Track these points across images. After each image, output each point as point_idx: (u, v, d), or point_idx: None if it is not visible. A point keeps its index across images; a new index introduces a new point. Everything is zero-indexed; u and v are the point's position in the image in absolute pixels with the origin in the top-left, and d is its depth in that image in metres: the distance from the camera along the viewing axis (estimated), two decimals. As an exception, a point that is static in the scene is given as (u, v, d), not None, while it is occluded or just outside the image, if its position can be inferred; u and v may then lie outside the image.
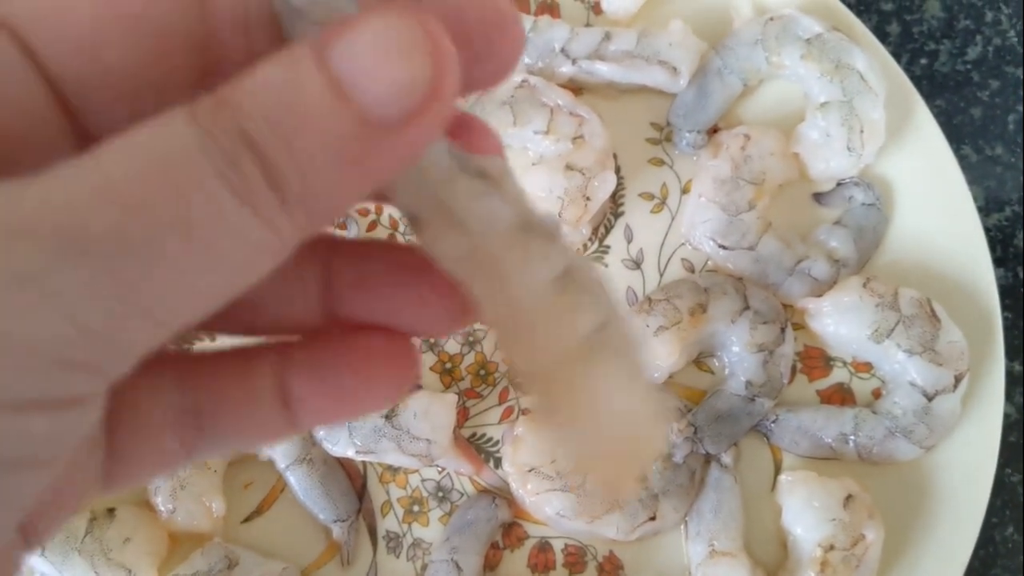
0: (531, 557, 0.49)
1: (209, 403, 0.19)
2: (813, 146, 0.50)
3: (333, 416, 0.20)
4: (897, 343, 0.48)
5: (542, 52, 0.51)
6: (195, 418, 0.19)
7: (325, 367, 0.19)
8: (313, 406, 0.19)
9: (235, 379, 0.19)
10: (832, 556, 0.45)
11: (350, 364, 0.19)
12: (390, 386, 0.20)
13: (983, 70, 0.57)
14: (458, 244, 0.18)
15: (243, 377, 0.19)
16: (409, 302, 0.20)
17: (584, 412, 0.19)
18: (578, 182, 0.50)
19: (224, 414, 0.19)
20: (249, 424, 0.19)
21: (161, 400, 0.19)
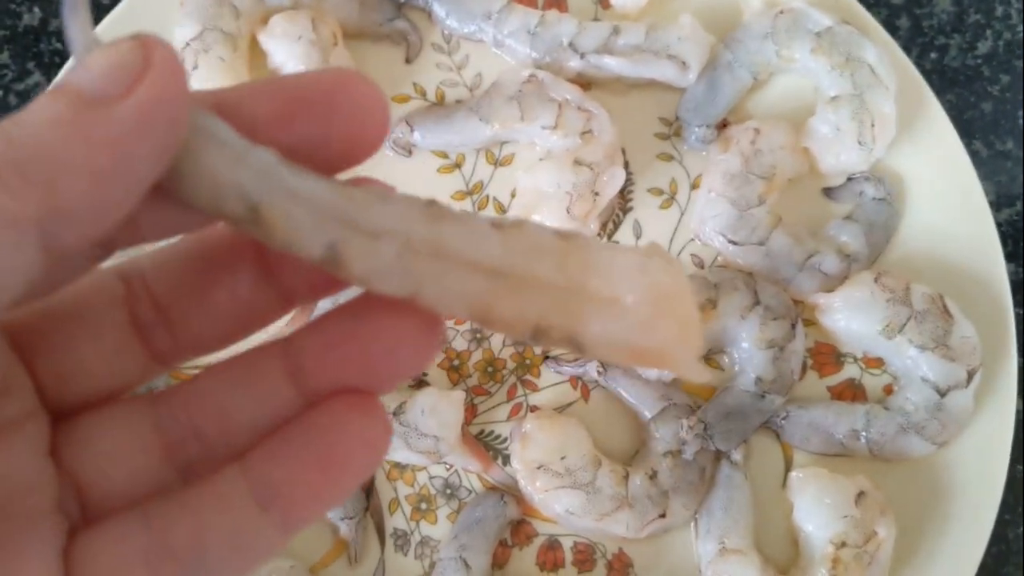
0: (540, 555, 0.48)
1: (180, 534, 0.18)
2: (823, 140, 0.50)
3: (320, 499, 0.19)
4: (909, 338, 0.47)
5: (550, 47, 0.51)
6: (170, 555, 0.18)
7: (299, 451, 0.19)
8: (293, 486, 0.19)
9: (203, 501, 0.19)
10: (844, 553, 0.45)
11: (323, 436, 0.19)
12: (371, 447, 0.19)
13: (993, 65, 0.57)
14: (389, 250, 0.17)
15: (211, 497, 0.19)
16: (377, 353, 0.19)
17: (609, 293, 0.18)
18: (587, 177, 0.49)
19: (201, 540, 0.18)
20: (232, 539, 0.19)
21: (126, 547, 0.18)
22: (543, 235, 0.18)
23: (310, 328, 0.20)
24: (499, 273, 0.18)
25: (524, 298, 0.18)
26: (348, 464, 0.19)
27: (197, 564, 0.18)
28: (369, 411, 0.19)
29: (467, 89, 0.53)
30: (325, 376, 0.19)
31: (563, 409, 0.50)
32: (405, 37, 0.53)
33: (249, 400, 0.20)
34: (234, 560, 0.19)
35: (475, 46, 0.53)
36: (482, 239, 0.18)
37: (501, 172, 0.52)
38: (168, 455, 0.20)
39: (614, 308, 0.18)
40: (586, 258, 0.18)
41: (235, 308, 0.20)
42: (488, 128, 0.50)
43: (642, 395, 0.49)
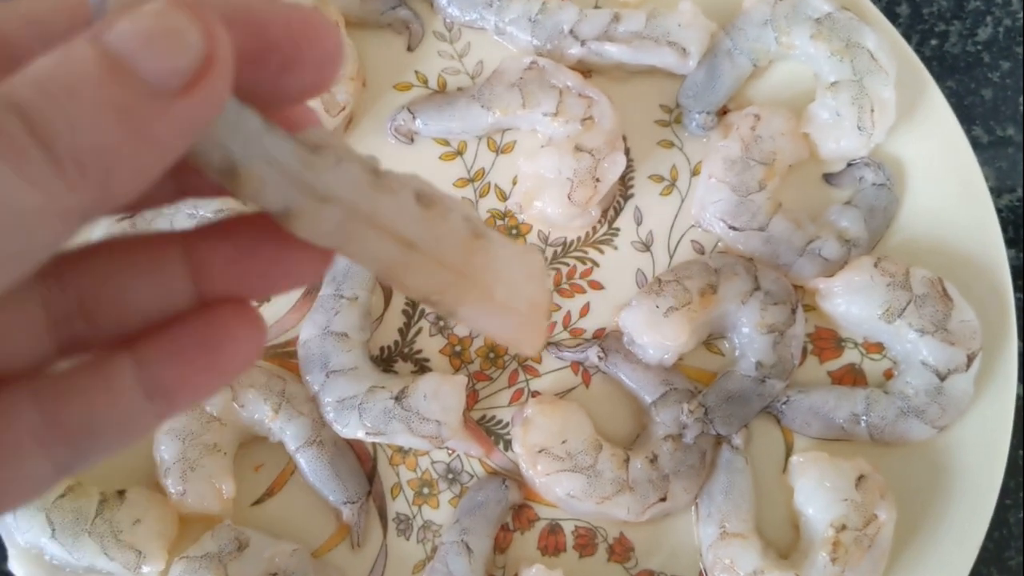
0: (541, 539, 0.48)
1: (72, 415, 0.19)
2: (823, 126, 0.50)
3: (199, 395, 0.20)
4: (909, 323, 0.47)
5: (551, 34, 0.51)
6: (65, 435, 0.19)
7: (185, 347, 0.20)
8: (181, 386, 0.20)
9: (93, 386, 0.19)
10: (844, 536, 0.45)
11: (215, 344, 0.20)
12: (250, 355, 0.21)
13: (993, 51, 0.57)
14: (332, 217, 0.19)
15: (102, 381, 0.19)
16: (276, 271, 0.21)
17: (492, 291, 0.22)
18: (587, 163, 0.49)
19: (91, 423, 0.19)
20: (119, 425, 0.19)
21: (22, 424, 0.18)
22: (457, 225, 0.21)
23: (216, 230, 0.21)
24: (412, 246, 0.20)
25: (427, 272, 0.21)
26: (229, 368, 0.20)
27: (85, 442, 0.19)
28: (253, 321, 0.21)
29: (469, 77, 0.53)
30: (224, 282, 0.21)
31: (564, 394, 0.50)
32: (407, 25, 0.53)
33: (145, 287, 0.20)
34: (117, 440, 0.20)
35: (476, 34, 0.53)
36: (408, 214, 0.20)
37: (503, 159, 0.52)
38: (54, 329, 0.20)
39: (491, 304, 0.22)
40: (487, 255, 0.22)
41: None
42: (489, 115, 0.51)
43: (643, 380, 0.49)
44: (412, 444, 0.48)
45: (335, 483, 0.48)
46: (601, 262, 0.51)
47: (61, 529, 0.45)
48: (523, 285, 0.23)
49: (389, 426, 0.47)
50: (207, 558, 0.45)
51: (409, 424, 0.47)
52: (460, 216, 0.21)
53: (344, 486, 0.48)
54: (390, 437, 0.47)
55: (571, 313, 0.51)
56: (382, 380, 0.48)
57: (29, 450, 0.18)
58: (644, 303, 0.48)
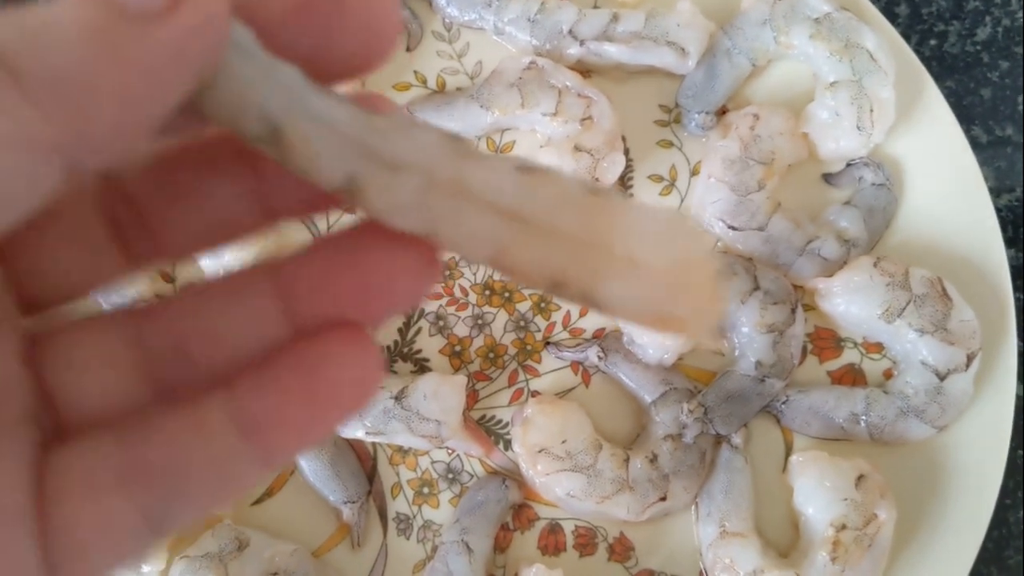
0: (541, 539, 0.48)
1: (157, 456, 0.17)
2: (822, 126, 0.50)
3: (304, 434, 0.18)
4: (908, 322, 0.47)
5: (550, 34, 0.51)
6: (145, 476, 0.17)
7: (278, 376, 0.18)
8: (275, 417, 0.18)
9: (182, 424, 0.18)
10: (844, 536, 0.45)
11: (311, 369, 0.18)
12: (361, 384, 0.18)
13: (992, 51, 0.57)
14: (409, 185, 0.17)
15: (190, 419, 0.18)
16: (374, 284, 0.18)
17: (633, 256, 0.17)
18: (587, 163, 0.49)
19: (178, 464, 0.17)
20: (211, 468, 0.18)
21: (100, 464, 0.17)
22: (571, 186, 0.18)
23: (304, 254, 0.19)
24: (520, 218, 0.17)
25: (544, 248, 0.17)
26: (336, 400, 0.18)
27: (174, 489, 0.17)
28: (361, 346, 0.18)
29: (468, 77, 0.53)
30: (318, 304, 0.19)
31: (564, 394, 0.50)
32: (406, 25, 0.53)
33: (236, 322, 0.19)
34: (211, 488, 0.18)
35: (475, 34, 0.53)
36: (506, 182, 0.17)
37: (502, 159, 0.52)
38: (147, 373, 0.19)
39: (636, 272, 0.17)
40: (614, 217, 0.17)
41: (214, 215, 0.19)
42: (489, 115, 0.51)
43: (642, 380, 0.49)
44: (412, 444, 0.48)
45: (335, 483, 0.48)
46: (601, 262, 0.51)
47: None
48: (670, 241, 0.18)
49: (389, 426, 0.47)
50: (207, 557, 0.45)
51: (409, 424, 0.47)
52: (571, 179, 0.18)
53: (344, 486, 0.48)
54: (390, 437, 0.47)
55: (571, 313, 0.51)
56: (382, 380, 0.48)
57: (111, 492, 0.17)
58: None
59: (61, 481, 0.17)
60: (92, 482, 0.17)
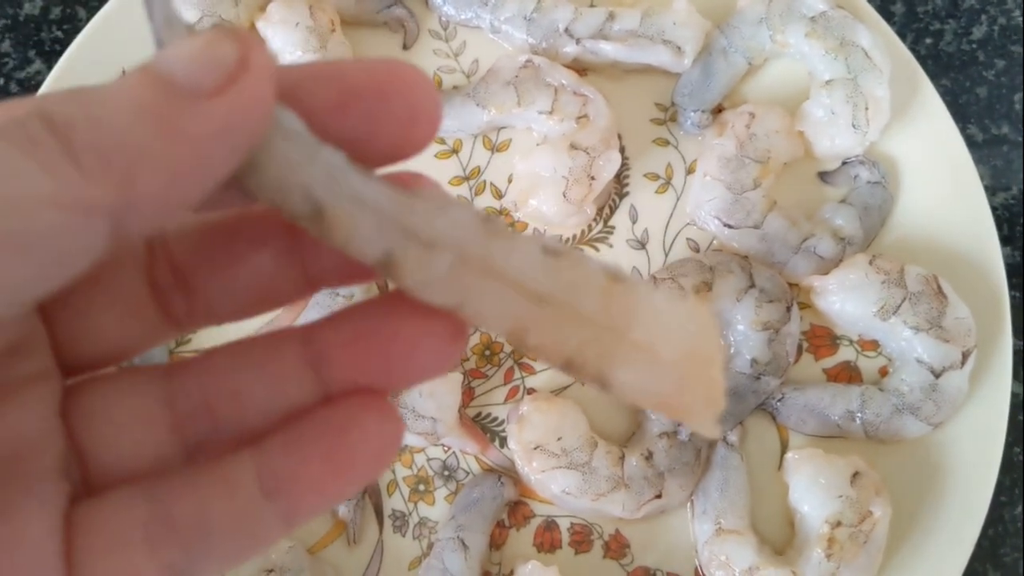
0: (537, 535, 0.49)
1: (183, 512, 0.18)
2: (818, 124, 0.50)
3: (327, 495, 0.19)
4: (904, 320, 0.47)
5: (546, 32, 0.51)
6: (170, 531, 0.18)
7: (304, 439, 0.19)
8: (298, 477, 0.19)
9: (208, 482, 0.18)
10: (839, 533, 0.45)
11: (335, 434, 0.19)
12: (383, 450, 0.19)
13: (988, 49, 0.57)
14: (441, 262, 0.18)
15: (217, 477, 0.18)
16: (400, 352, 0.19)
17: (647, 344, 0.18)
18: (583, 161, 0.50)
19: (203, 521, 0.18)
20: (235, 525, 0.18)
21: (127, 517, 0.18)
22: (593, 270, 0.18)
23: (334, 319, 0.20)
24: (543, 299, 0.18)
25: (563, 329, 0.18)
26: (358, 464, 0.19)
27: (198, 544, 0.18)
28: (384, 413, 0.19)
29: (464, 75, 0.53)
30: (345, 369, 0.19)
31: (560, 392, 0.50)
32: (402, 24, 0.53)
33: (265, 383, 0.19)
34: (235, 545, 0.18)
35: (472, 32, 0.54)
36: (531, 262, 0.18)
37: (498, 157, 0.52)
38: (176, 429, 0.19)
39: (649, 360, 0.18)
40: (632, 302, 0.18)
41: (256, 283, 0.20)
42: (485, 113, 0.51)
43: (638, 377, 0.49)
44: (408, 441, 0.48)
45: (331, 480, 0.48)
46: (597, 260, 0.51)
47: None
48: (684, 334, 0.19)
49: (385, 423, 0.47)
50: (203, 555, 0.45)
51: (404, 420, 0.47)
52: (594, 264, 0.19)
53: (340, 483, 0.48)
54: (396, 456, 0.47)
55: (567, 311, 0.51)
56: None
57: (137, 548, 0.17)
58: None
59: (90, 533, 0.18)
60: (119, 536, 0.18)
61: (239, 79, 0.16)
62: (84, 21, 0.55)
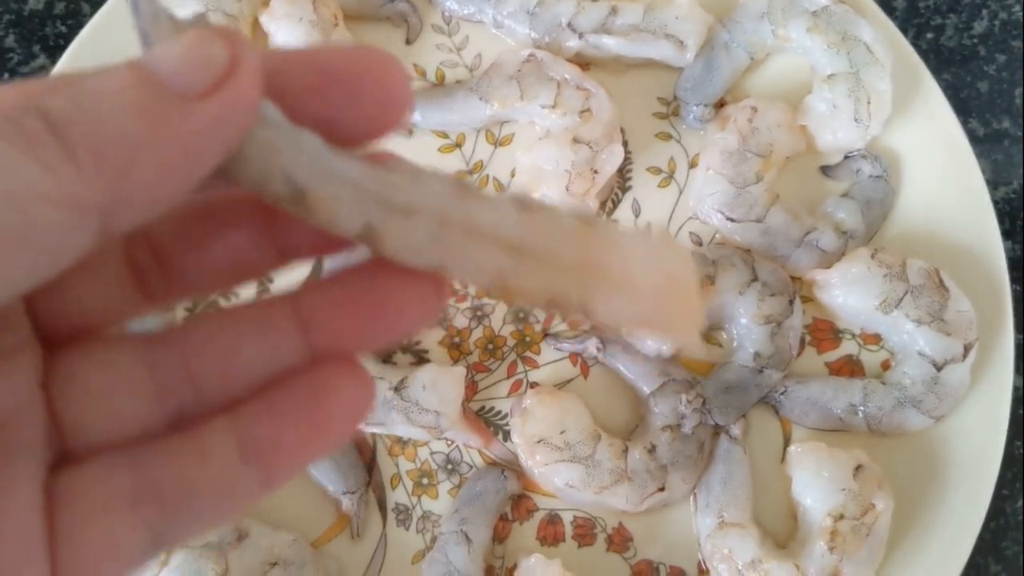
0: (540, 529, 0.49)
1: (164, 477, 0.19)
2: (820, 118, 0.50)
3: (301, 459, 0.20)
4: (906, 313, 0.48)
5: (548, 27, 0.52)
6: (156, 501, 0.18)
7: (280, 405, 0.19)
8: (275, 442, 0.19)
9: (187, 447, 0.19)
10: (842, 525, 0.45)
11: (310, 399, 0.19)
12: (355, 414, 0.20)
13: (989, 44, 0.57)
14: (421, 228, 0.19)
15: (195, 442, 0.19)
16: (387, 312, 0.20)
17: (625, 275, 0.20)
18: (585, 155, 0.50)
19: (183, 485, 0.19)
20: (214, 489, 0.19)
21: (111, 483, 0.18)
22: (565, 217, 0.20)
23: (321, 285, 0.21)
24: (521, 250, 0.19)
25: (543, 274, 0.19)
26: (334, 428, 0.20)
27: (179, 510, 0.19)
28: (358, 378, 0.20)
29: (467, 69, 0.53)
30: (333, 331, 0.20)
31: (563, 385, 0.50)
32: (405, 18, 0.53)
33: (251, 350, 0.20)
34: (214, 508, 0.19)
35: (475, 27, 0.54)
36: (506, 218, 0.19)
37: (501, 151, 0.53)
38: (159, 398, 0.20)
39: (629, 288, 0.20)
40: (605, 241, 0.20)
41: (230, 258, 0.21)
42: (488, 107, 0.51)
43: (641, 371, 0.49)
44: (411, 434, 0.48)
45: (334, 473, 0.48)
46: (599, 254, 0.51)
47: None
48: (657, 260, 0.20)
49: (388, 416, 0.47)
50: (207, 547, 0.45)
51: (408, 414, 0.47)
52: (566, 210, 0.20)
53: (343, 476, 0.48)
54: (389, 427, 0.47)
55: (569, 305, 0.51)
56: (381, 371, 0.48)
57: (120, 513, 0.18)
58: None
59: (72, 503, 0.18)
60: (102, 505, 0.18)
61: (230, 79, 0.17)
62: (88, 16, 0.55)
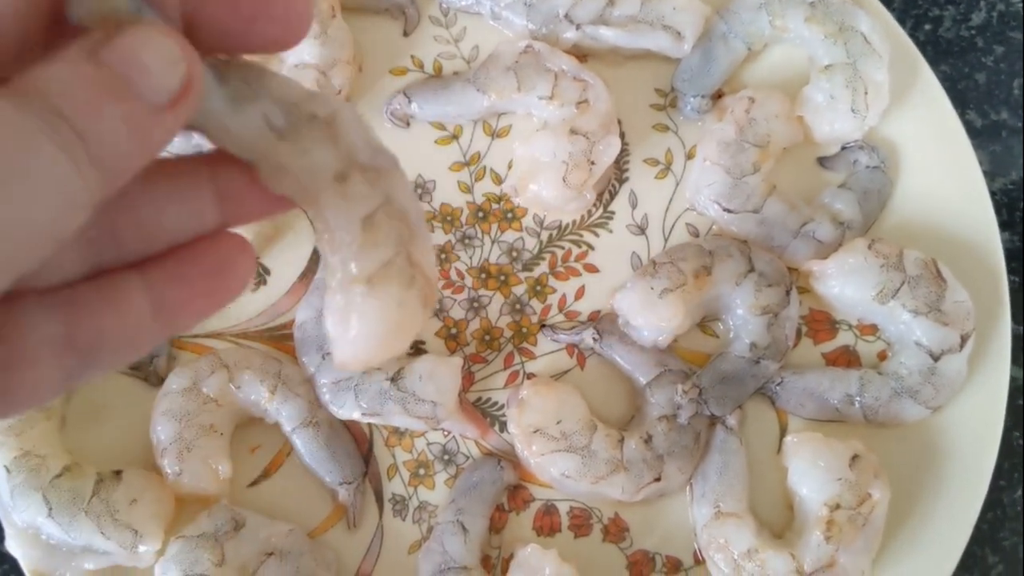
0: (536, 519, 0.49)
1: (85, 328, 0.21)
2: (818, 108, 0.50)
3: (198, 317, 0.23)
4: (902, 303, 0.48)
5: (546, 18, 0.52)
6: (77, 348, 0.21)
7: (190, 273, 0.23)
8: (184, 305, 0.23)
9: (107, 302, 0.22)
10: (838, 515, 0.45)
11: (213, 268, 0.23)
12: (243, 283, 0.24)
13: (987, 35, 0.57)
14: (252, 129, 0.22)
15: (119, 304, 0.22)
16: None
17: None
18: (582, 146, 0.50)
19: (104, 341, 0.22)
20: (127, 339, 0.22)
21: (40, 335, 0.21)
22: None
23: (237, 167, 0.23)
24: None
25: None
26: (227, 296, 0.23)
27: (95, 356, 0.22)
28: (249, 253, 0.24)
29: (464, 61, 0.53)
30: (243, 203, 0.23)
31: (559, 376, 0.50)
32: (403, 10, 0.53)
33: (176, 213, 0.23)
34: (122, 354, 0.22)
35: (472, 19, 0.54)
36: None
37: (498, 143, 0.52)
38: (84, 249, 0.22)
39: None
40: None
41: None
42: (485, 99, 0.51)
43: (638, 362, 0.49)
44: (408, 425, 0.48)
45: (331, 464, 0.48)
46: (596, 245, 0.52)
47: (58, 508, 0.45)
48: None
49: (385, 407, 0.47)
50: (203, 538, 0.45)
51: (405, 405, 0.47)
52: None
53: (340, 467, 0.48)
54: (386, 418, 0.47)
55: (566, 296, 0.51)
56: (378, 361, 0.48)
57: (43, 358, 0.21)
58: (639, 285, 0.48)
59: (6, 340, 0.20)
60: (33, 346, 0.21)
61: (186, 97, 0.20)
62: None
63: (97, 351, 0.21)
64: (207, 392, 0.47)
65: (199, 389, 0.47)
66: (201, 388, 0.47)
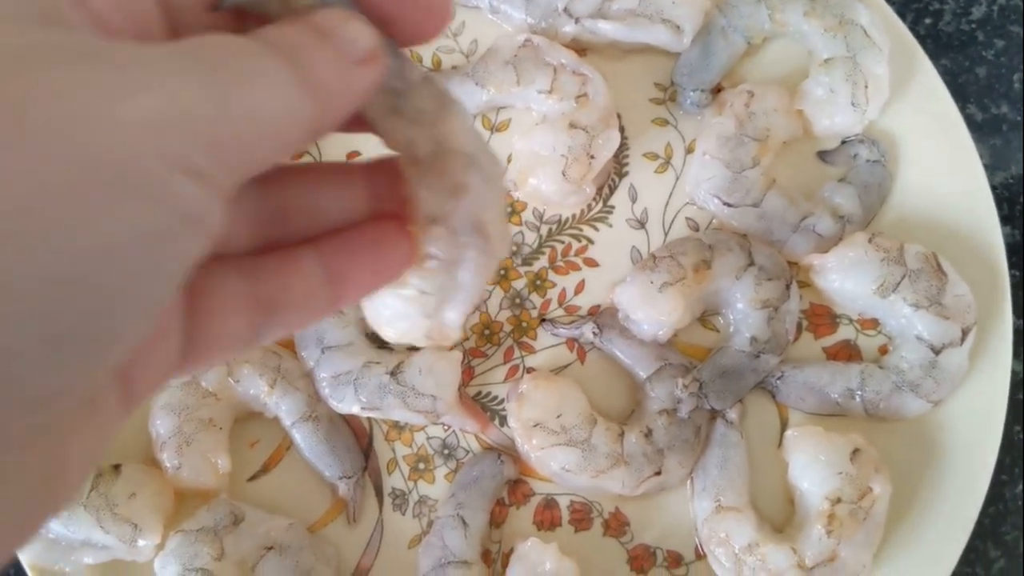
0: (537, 514, 0.49)
1: (274, 291, 0.24)
2: (817, 102, 0.50)
3: (362, 292, 0.25)
4: (903, 297, 0.47)
5: (545, 12, 0.51)
6: (263, 305, 0.23)
7: (359, 247, 0.25)
8: (353, 279, 0.25)
9: (286, 267, 0.24)
10: (839, 509, 0.45)
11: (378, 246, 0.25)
12: (403, 255, 0.25)
13: (988, 29, 0.57)
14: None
15: (297, 268, 0.24)
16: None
17: None
18: (582, 140, 0.49)
19: (286, 299, 0.24)
20: (303, 301, 0.24)
21: (231, 290, 0.23)
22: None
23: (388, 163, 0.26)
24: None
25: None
26: (388, 272, 0.25)
27: (277, 313, 0.24)
28: (408, 236, 0.25)
29: (463, 55, 0.53)
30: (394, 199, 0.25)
31: (559, 371, 0.50)
32: (402, 5, 0.53)
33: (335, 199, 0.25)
34: (298, 316, 0.24)
35: (471, 12, 0.54)
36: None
37: (497, 137, 0.52)
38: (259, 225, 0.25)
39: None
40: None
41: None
42: (484, 93, 0.51)
43: (638, 356, 0.49)
44: (408, 419, 0.48)
45: (331, 458, 0.48)
46: (596, 239, 0.51)
47: (57, 503, 0.45)
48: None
49: (385, 401, 0.47)
50: (203, 532, 0.45)
51: (404, 399, 0.47)
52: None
53: (340, 461, 0.48)
54: (386, 412, 0.47)
55: (566, 290, 0.51)
56: (377, 356, 0.48)
57: (233, 311, 0.23)
58: (639, 279, 0.48)
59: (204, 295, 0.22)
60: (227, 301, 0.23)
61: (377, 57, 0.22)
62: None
63: (280, 309, 0.24)
64: (206, 386, 0.47)
65: (198, 383, 0.47)
66: (200, 382, 0.47)
